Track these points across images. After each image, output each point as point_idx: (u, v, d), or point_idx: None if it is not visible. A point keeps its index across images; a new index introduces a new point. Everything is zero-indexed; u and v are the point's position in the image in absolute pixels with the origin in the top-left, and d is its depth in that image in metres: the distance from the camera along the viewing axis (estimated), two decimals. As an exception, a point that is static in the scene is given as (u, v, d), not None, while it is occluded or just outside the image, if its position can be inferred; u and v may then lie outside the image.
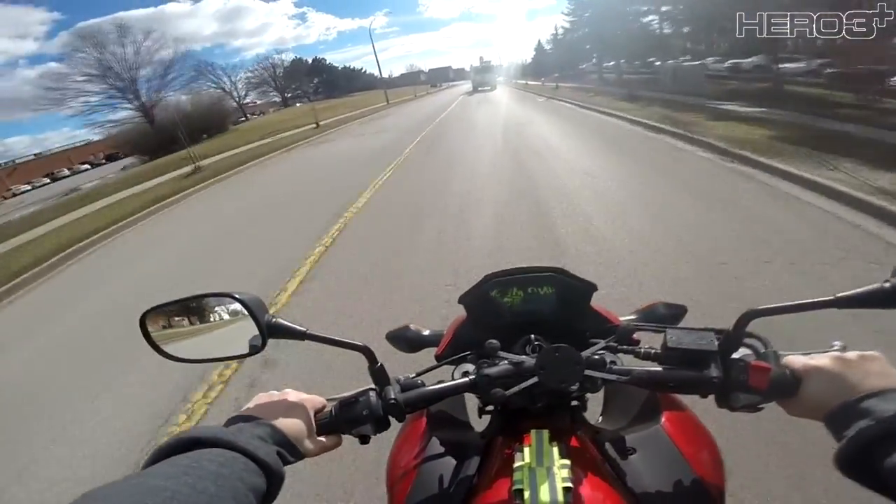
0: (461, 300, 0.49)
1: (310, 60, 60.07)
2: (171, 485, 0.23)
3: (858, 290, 0.31)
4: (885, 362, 0.31)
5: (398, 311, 1.64)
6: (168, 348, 0.39)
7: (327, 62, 63.54)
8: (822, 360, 0.32)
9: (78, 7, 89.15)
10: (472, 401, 0.48)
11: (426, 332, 0.56)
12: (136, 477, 0.23)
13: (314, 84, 61.26)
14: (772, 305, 0.32)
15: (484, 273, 0.46)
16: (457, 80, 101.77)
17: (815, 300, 0.31)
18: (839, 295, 0.31)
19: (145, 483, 0.23)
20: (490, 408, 0.45)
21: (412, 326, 0.57)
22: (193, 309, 0.40)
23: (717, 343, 0.35)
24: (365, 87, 68.68)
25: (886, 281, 0.31)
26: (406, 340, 0.56)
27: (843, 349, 0.33)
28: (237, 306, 0.37)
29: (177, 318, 0.41)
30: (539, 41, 40.76)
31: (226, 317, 0.40)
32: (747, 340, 0.36)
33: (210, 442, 0.27)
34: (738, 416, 0.35)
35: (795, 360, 0.33)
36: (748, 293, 1.44)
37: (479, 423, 0.47)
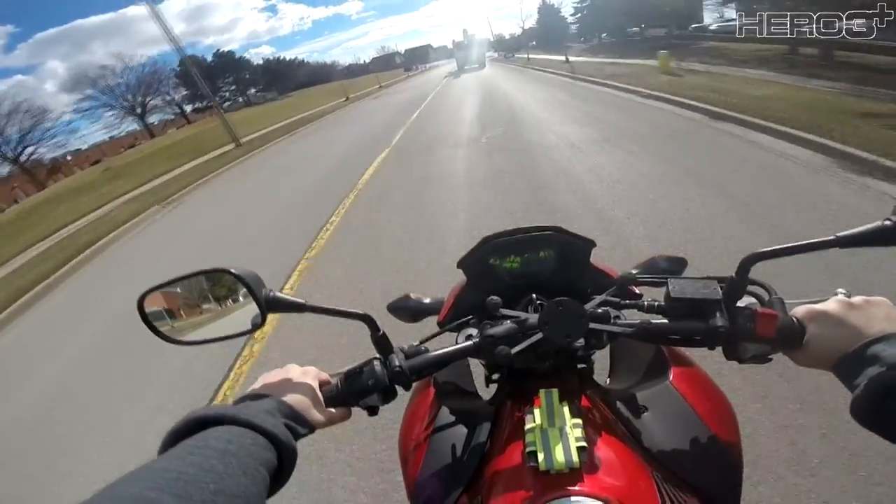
0: (460, 265, 0.67)
1: (255, 56, 65.11)
2: (176, 465, 0.31)
3: (859, 228, 0.42)
4: (890, 306, 0.42)
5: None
6: (167, 330, 0.53)
7: (270, 55, 70.06)
8: (826, 306, 0.43)
9: (34, 18, 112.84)
10: (478, 371, 0.65)
11: (427, 301, 0.78)
12: (147, 464, 0.32)
13: (234, 84, 66.78)
14: (772, 248, 0.44)
15: None
16: (439, 60, 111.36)
17: (816, 241, 0.43)
18: (840, 234, 0.43)
19: (151, 468, 0.31)
20: (497, 376, 0.64)
21: (413, 295, 0.79)
22: (190, 287, 0.54)
23: (720, 291, 0.47)
24: (326, 79, 76.70)
25: (887, 219, 0.42)
26: (407, 310, 0.78)
27: (848, 295, 0.44)
28: (234, 283, 0.49)
29: (174, 298, 0.55)
30: (544, 5, 45.96)
31: (223, 293, 0.54)
32: (751, 288, 0.48)
33: (216, 420, 0.37)
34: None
35: (800, 307, 0.45)
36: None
37: (487, 393, 0.66)
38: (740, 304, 0.48)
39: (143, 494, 0.27)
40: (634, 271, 0.68)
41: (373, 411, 0.51)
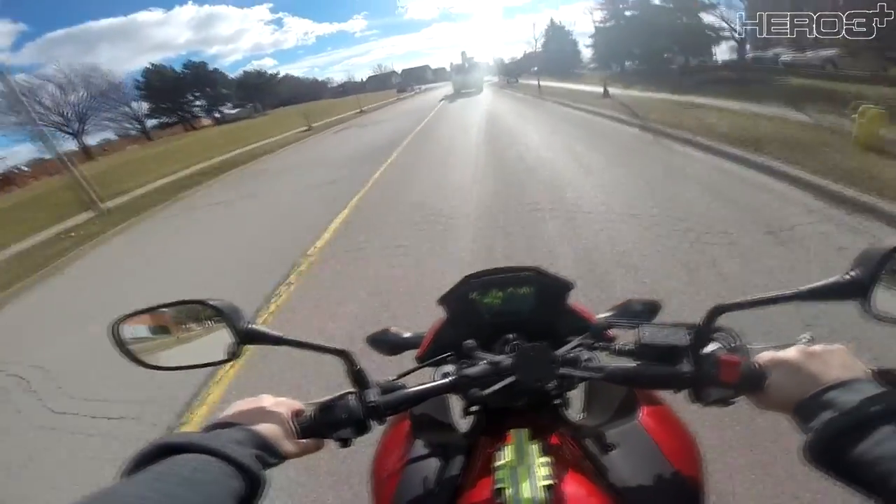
0: (441, 301, 0.77)
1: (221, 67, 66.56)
2: (140, 491, 0.36)
3: (820, 283, 0.50)
4: (847, 353, 0.50)
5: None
6: (143, 356, 0.59)
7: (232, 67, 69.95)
8: (787, 353, 0.51)
9: (43, 18, 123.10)
10: (456, 403, 0.72)
11: (407, 335, 0.89)
12: (109, 488, 0.36)
13: (206, 98, 67.61)
14: (739, 300, 0.52)
15: None
16: (437, 82, 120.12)
17: (781, 294, 0.51)
18: (802, 288, 0.50)
19: (115, 493, 0.36)
20: (474, 408, 0.70)
21: (392, 329, 0.90)
22: (167, 316, 0.61)
23: (688, 338, 0.55)
24: (314, 96, 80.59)
25: (846, 273, 0.50)
26: (387, 343, 0.89)
27: (810, 342, 0.53)
28: (212, 313, 0.57)
29: (150, 326, 0.61)
30: (552, 29, 46.92)
31: (201, 323, 0.60)
32: (717, 335, 0.57)
33: (185, 448, 0.42)
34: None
35: (763, 353, 0.54)
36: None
37: (464, 425, 0.74)
38: (707, 349, 0.55)
39: None
40: (609, 314, 0.81)
41: (345, 443, 0.57)
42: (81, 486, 2.13)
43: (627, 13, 25.92)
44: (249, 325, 0.57)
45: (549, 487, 0.49)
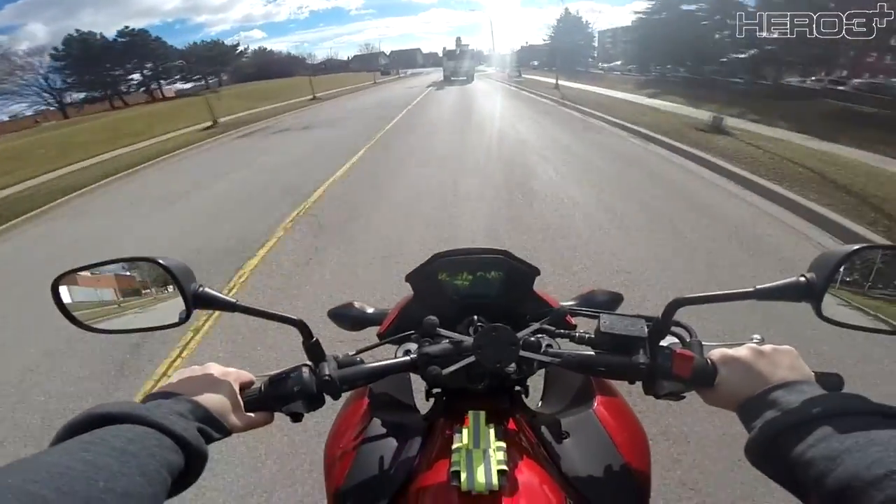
0: (408, 279, 0.85)
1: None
2: (65, 460, 0.38)
3: (776, 283, 0.58)
4: (795, 356, 0.58)
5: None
6: (83, 317, 0.64)
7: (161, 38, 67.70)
8: (739, 351, 0.59)
9: None
10: (419, 385, 0.81)
11: (370, 311, 1.00)
12: (32, 457, 0.38)
13: (148, 70, 66.42)
14: (696, 295, 0.61)
15: None
16: (426, 67, 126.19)
17: (736, 291, 0.59)
18: (759, 287, 0.59)
19: (38, 461, 0.37)
20: (436, 391, 0.80)
21: (356, 304, 1.01)
22: (113, 274, 0.66)
23: (646, 330, 0.63)
24: (287, 73, 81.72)
25: (802, 275, 0.58)
26: (349, 318, 1.00)
27: (761, 342, 0.60)
28: (163, 273, 0.61)
29: (95, 285, 0.65)
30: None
31: (151, 283, 0.65)
32: (675, 329, 0.66)
33: (122, 418, 0.45)
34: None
35: (715, 350, 0.61)
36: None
37: (426, 407, 0.82)
38: (663, 343, 0.65)
39: (24, 487, 0.34)
40: (572, 302, 0.94)
41: (296, 418, 0.65)
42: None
43: (685, 7, 23.86)
44: (201, 289, 0.63)
45: (502, 472, 0.56)
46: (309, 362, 0.66)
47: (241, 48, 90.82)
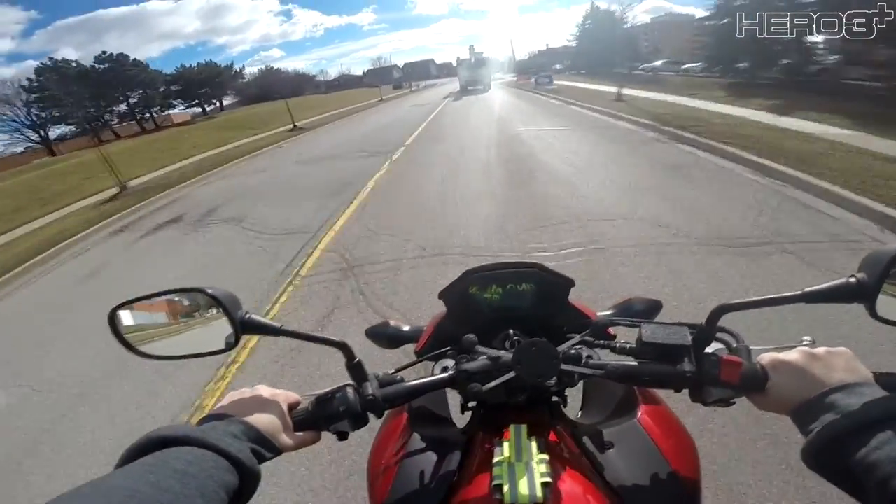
0: (441, 296, 0.97)
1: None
2: (131, 484, 0.44)
3: (825, 284, 0.62)
4: (851, 357, 0.62)
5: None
6: (139, 345, 0.75)
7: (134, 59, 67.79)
8: (790, 355, 0.63)
9: (55, 6, 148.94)
10: (454, 397, 0.91)
11: (406, 328, 1.13)
12: (100, 480, 0.45)
13: (136, 99, 68.50)
14: (742, 300, 0.64)
15: None
16: (441, 78, 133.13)
17: (784, 295, 0.63)
18: (807, 290, 0.62)
19: (106, 484, 0.44)
20: (472, 404, 0.89)
21: (392, 322, 1.15)
22: (165, 304, 0.77)
23: (690, 337, 0.69)
24: (294, 92, 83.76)
25: (852, 276, 0.61)
26: (386, 337, 1.14)
27: (812, 344, 0.65)
28: (210, 302, 0.72)
29: (147, 314, 0.77)
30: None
31: (199, 312, 0.76)
32: (720, 335, 0.71)
33: (180, 440, 0.53)
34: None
35: (765, 355, 0.66)
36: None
37: (462, 420, 0.91)
38: (708, 349, 0.70)
39: None
40: (609, 312, 1.04)
41: (342, 436, 0.73)
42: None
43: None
44: (248, 316, 0.72)
45: (546, 485, 0.62)
46: (353, 382, 0.75)
47: (237, 68, 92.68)
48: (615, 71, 40.58)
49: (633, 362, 0.73)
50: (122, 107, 71.32)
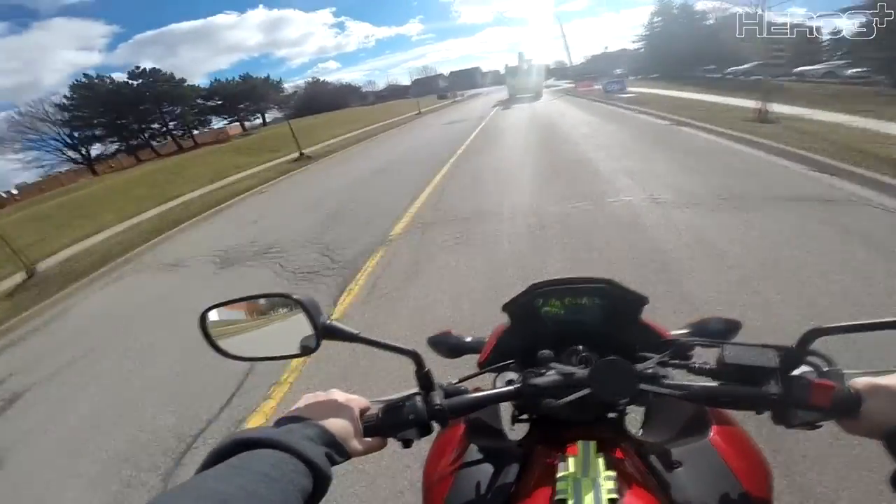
0: (505, 308, 1.00)
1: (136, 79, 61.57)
2: (223, 487, 0.47)
3: None
4: None
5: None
6: (225, 345, 0.82)
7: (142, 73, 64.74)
8: (888, 380, 0.62)
9: (135, 20, 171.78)
10: (505, 410, 0.98)
11: (468, 339, 1.16)
12: (192, 481, 0.49)
13: (172, 115, 67.23)
14: (837, 325, 0.65)
15: None
16: (487, 87, 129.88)
17: (878, 321, 0.64)
18: None
19: (201, 486, 0.47)
20: (524, 416, 0.92)
21: (454, 332, 1.19)
22: (251, 307, 0.86)
23: (777, 360, 0.68)
24: (339, 104, 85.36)
25: None
26: (448, 346, 1.17)
27: None
28: (294, 306, 0.78)
29: (235, 316, 0.85)
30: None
31: (282, 316, 0.82)
32: (810, 358, 0.69)
33: (262, 443, 0.55)
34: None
35: (860, 379, 0.65)
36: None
37: (511, 432, 0.99)
38: (796, 373, 0.68)
39: None
40: (685, 331, 0.99)
41: (407, 444, 0.76)
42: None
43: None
44: (328, 322, 0.77)
45: (613, 501, 0.62)
46: (420, 390, 0.78)
47: (274, 80, 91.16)
48: (695, 75, 33.94)
49: (713, 383, 0.72)
50: (157, 124, 69.60)
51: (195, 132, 73.54)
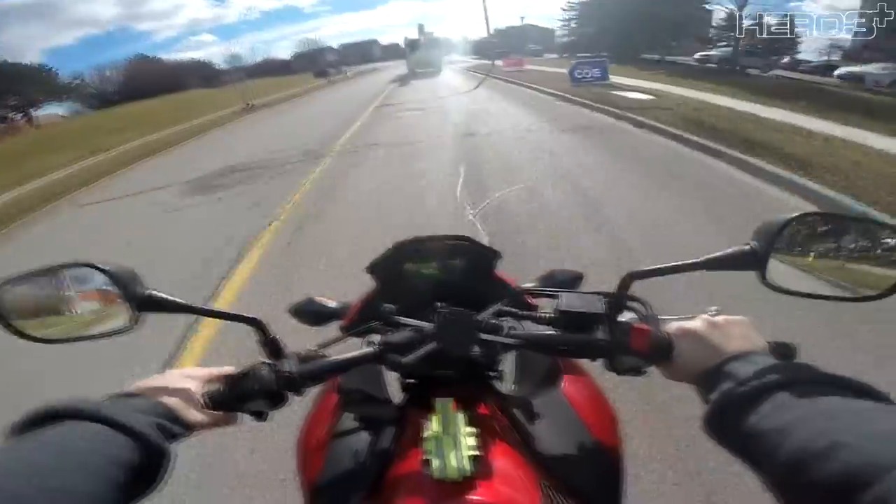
0: (369, 269, 0.99)
1: None
2: (31, 458, 0.45)
3: (722, 252, 0.67)
4: (749, 325, 0.66)
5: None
6: (25, 326, 0.69)
7: None
8: (693, 323, 0.67)
9: None
10: (395, 376, 0.94)
11: (332, 304, 1.13)
12: None
13: None
14: (648, 268, 0.70)
15: None
16: (386, 60, 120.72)
17: (686, 262, 0.68)
18: (707, 257, 0.67)
19: None
20: (410, 381, 0.90)
21: (316, 298, 1.15)
22: (54, 282, 0.71)
23: (604, 306, 0.72)
24: (176, 86, 74.81)
25: (747, 244, 0.66)
26: (311, 314, 1.13)
27: (717, 313, 0.68)
28: (105, 279, 0.67)
29: (34, 293, 0.72)
30: None
31: (94, 290, 0.71)
32: (631, 304, 0.74)
33: (67, 414, 0.51)
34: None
35: (672, 323, 0.69)
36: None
37: (400, 399, 0.94)
38: (621, 318, 0.72)
39: None
40: (532, 284, 1.04)
41: (260, 417, 0.70)
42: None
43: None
44: (148, 291, 0.69)
45: (474, 458, 0.62)
46: (268, 359, 0.72)
47: (48, 69, 76.42)
48: (646, 57, 31.38)
49: (551, 332, 0.75)
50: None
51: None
